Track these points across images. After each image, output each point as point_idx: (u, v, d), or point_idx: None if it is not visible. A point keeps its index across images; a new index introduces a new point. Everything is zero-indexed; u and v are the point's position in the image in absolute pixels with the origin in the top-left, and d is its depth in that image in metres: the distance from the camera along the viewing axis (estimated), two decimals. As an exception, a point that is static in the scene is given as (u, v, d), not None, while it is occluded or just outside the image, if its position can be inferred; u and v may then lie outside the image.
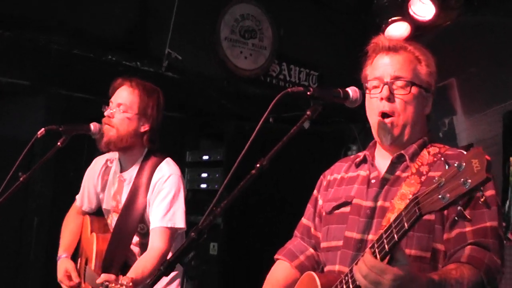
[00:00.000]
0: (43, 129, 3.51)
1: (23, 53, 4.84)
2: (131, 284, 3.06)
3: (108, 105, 3.77)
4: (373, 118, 2.63)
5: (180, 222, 3.62)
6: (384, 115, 2.57)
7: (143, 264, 3.47)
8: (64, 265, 3.85)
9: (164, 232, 3.56)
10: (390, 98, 2.55)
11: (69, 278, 3.81)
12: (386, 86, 2.56)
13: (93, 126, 3.71)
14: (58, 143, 3.52)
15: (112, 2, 5.00)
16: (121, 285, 3.04)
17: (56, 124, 3.64)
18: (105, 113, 3.73)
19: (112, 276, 3.26)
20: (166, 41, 5.20)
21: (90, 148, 5.09)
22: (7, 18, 4.56)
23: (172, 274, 3.77)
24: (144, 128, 3.75)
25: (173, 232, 3.60)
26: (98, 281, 3.25)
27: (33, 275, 5.29)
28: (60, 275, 3.84)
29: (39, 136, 3.51)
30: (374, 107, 2.60)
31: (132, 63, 5.06)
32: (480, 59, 5.36)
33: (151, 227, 3.61)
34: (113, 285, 3.07)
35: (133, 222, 3.67)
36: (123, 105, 3.71)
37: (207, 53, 5.58)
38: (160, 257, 3.49)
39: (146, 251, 3.57)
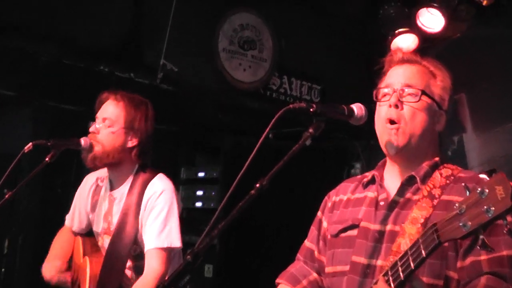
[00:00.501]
0: (30, 143, 3.49)
1: (10, 62, 4.81)
2: None
3: (94, 120, 3.76)
4: (379, 126, 2.63)
5: (176, 241, 3.59)
6: (391, 122, 2.57)
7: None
8: (48, 265, 3.86)
9: (160, 253, 3.53)
10: (398, 106, 2.56)
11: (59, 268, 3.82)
12: (395, 94, 2.58)
13: (84, 141, 3.69)
14: (47, 159, 3.50)
15: (105, 10, 4.99)
16: None
17: (44, 138, 3.63)
18: (90, 129, 3.72)
19: None
20: (161, 52, 5.20)
21: (79, 164, 5.05)
22: (-7, 26, 4.57)
23: None
24: (132, 142, 3.71)
25: (169, 252, 3.57)
26: None
27: (17, 297, 5.28)
28: (48, 274, 3.84)
29: (26, 151, 3.48)
30: (382, 114, 2.61)
31: (125, 74, 5.06)
32: (492, 74, 5.37)
33: (146, 248, 3.57)
34: None
35: (126, 245, 3.62)
36: (108, 119, 3.69)
37: (204, 64, 5.58)
38: (157, 280, 3.44)
39: (143, 274, 3.53)
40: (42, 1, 4.73)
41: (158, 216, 3.59)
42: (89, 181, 4.01)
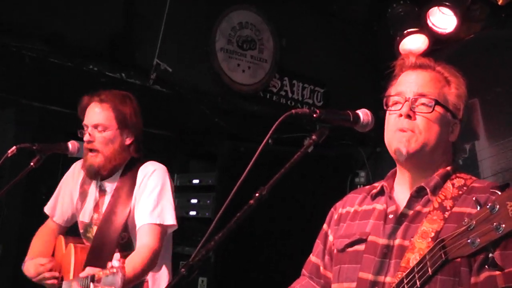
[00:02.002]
0: (14, 147, 3.49)
1: (-8, 60, 4.84)
2: (123, 265, 2.99)
3: (82, 129, 3.78)
4: (389, 135, 2.63)
5: (169, 218, 3.64)
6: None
7: (132, 262, 3.41)
8: (32, 263, 3.83)
9: (153, 229, 3.57)
10: (411, 116, 2.55)
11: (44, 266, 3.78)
12: (407, 103, 2.57)
13: (71, 144, 3.71)
14: (31, 163, 3.51)
15: (95, 6, 4.98)
16: (112, 267, 2.97)
17: (28, 141, 3.64)
18: (84, 139, 3.74)
19: (97, 269, 3.19)
20: (155, 51, 5.21)
21: (66, 168, 5.08)
22: (-25, 21, 4.57)
23: None
24: (130, 139, 3.80)
25: (163, 229, 3.61)
26: (82, 274, 3.20)
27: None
28: (32, 271, 3.80)
29: (9, 155, 3.49)
30: (392, 124, 2.61)
31: (116, 74, 5.04)
32: (507, 77, 5.37)
33: (138, 225, 3.60)
34: (101, 273, 3.02)
35: (115, 231, 3.66)
36: (100, 125, 3.73)
37: (200, 64, 5.59)
38: (151, 255, 3.47)
39: (136, 249, 3.55)
40: (28, -5, 4.74)
41: (150, 193, 3.66)
42: (78, 169, 4.02)
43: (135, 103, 3.87)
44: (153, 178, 3.71)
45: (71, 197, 4.01)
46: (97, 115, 3.75)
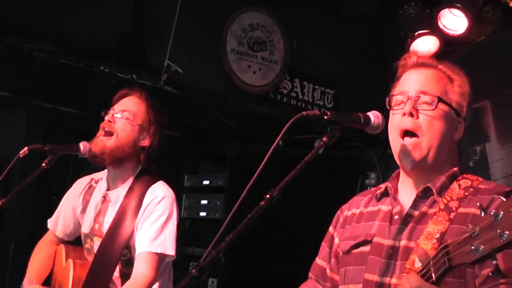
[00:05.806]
0: (26, 148, 3.48)
1: (4, 61, 4.83)
2: None
3: (108, 110, 3.79)
4: (393, 137, 2.64)
5: (170, 249, 3.61)
6: (406, 133, 2.58)
7: None
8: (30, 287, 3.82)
9: (152, 258, 3.55)
10: (413, 114, 2.56)
11: None
12: (409, 101, 2.58)
13: (83, 146, 3.70)
14: (43, 164, 3.51)
15: (106, 7, 5.00)
16: None
17: (39, 142, 3.64)
18: (106, 118, 3.75)
19: None
20: (166, 52, 5.23)
21: (76, 169, 5.09)
22: (-14, 23, 4.59)
23: None
24: (144, 143, 3.78)
25: (161, 259, 3.59)
26: None
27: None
28: None
29: (21, 156, 3.49)
30: (395, 124, 2.62)
31: (127, 75, 5.06)
32: (518, 80, 5.37)
33: (137, 252, 3.58)
34: None
35: (118, 248, 3.63)
36: (128, 112, 3.75)
37: (211, 66, 5.60)
38: (147, 285, 3.47)
39: (131, 277, 3.54)
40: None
41: (155, 221, 3.62)
42: (80, 184, 4.04)
43: (165, 122, 3.90)
44: (161, 205, 3.67)
45: (73, 212, 4.00)
46: (129, 104, 3.80)
